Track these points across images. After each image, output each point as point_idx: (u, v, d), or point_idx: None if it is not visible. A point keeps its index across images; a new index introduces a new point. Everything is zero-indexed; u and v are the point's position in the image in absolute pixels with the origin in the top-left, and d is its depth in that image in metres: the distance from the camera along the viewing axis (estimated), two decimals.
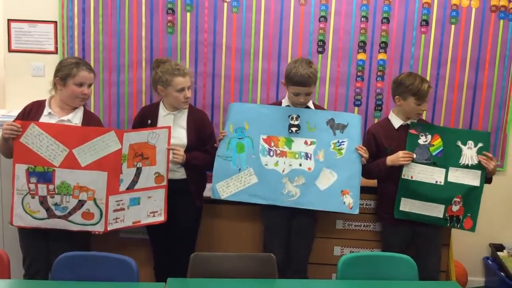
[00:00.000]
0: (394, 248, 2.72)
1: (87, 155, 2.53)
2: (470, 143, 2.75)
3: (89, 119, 2.69)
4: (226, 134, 2.76)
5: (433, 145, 2.75)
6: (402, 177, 2.73)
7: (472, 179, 2.74)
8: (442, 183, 2.74)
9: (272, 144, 2.75)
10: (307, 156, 2.74)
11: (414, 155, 2.72)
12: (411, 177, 2.73)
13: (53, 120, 2.61)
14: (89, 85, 2.64)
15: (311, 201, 2.71)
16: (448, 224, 2.77)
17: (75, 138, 2.52)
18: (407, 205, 2.75)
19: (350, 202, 2.70)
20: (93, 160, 2.53)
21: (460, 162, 2.74)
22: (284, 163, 2.74)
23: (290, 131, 2.75)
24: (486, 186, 2.80)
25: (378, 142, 2.82)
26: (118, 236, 2.99)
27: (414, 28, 3.30)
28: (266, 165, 2.73)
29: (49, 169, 2.51)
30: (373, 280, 2.19)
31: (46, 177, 2.51)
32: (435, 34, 3.30)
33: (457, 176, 2.74)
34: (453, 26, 3.30)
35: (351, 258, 2.25)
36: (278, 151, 2.75)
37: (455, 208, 2.75)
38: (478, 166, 2.74)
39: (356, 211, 2.71)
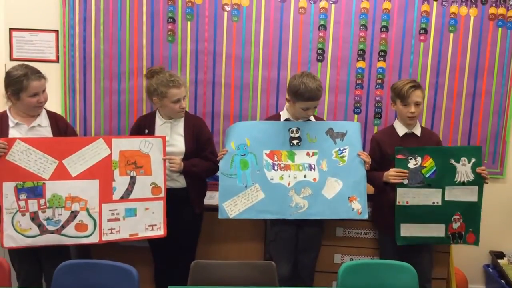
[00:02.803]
0: (390, 255, 2.72)
1: (77, 164, 2.52)
2: (464, 159, 2.69)
3: (56, 120, 2.67)
4: (228, 151, 2.71)
5: (425, 166, 2.69)
6: (397, 203, 2.70)
7: (470, 195, 2.70)
8: (440, 203, 2.70)
9: (276, 158, 2.73)
10: (310, 167, 2.74)
11: (407, 176, 2.68)
12: (407, 203, 2.70)
13: (23, 129, 2.57)
14: (43, 91, 2.59)
15: (320, 211, 2.69)
16: (451, 242, 2.74)
17: (64, 149, 2.52)
18: (408, 230, 2.72)
19: (358, 207, 2.69)
20: (84, 169, 2.53)
21: (455, 180, 2.69)
22: (289, 176, 2.71)
23: (291, 144, 2.75)
24: (485, 193, 2.80)
25: (382, 150, 2.82)
26: (118, 244, 2.98)
27: (413, 37, 3.32)
28: (272, 179, 2.70)
29: (39, 183, 2.49)
30: None
31: (36, 191, 2.49)
32: (434, 42, 3.32)
33: (455, 194, 2.70)
34: (451, 34, 3.32)
35: (352, 266, 2.26)
36: (282, 165, 2.73)
37: (455, 225, 2.72)
38: (475, 182, 2.69)
39: (366, 216, 2.69)
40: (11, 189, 2.46)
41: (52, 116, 2.68)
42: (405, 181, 2.69)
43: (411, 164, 2.70)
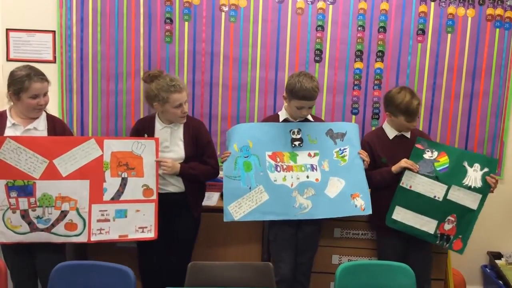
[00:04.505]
0: (388, 256, 2.72)
1: (68, 164, 2.51)
2: (477, 165, 2.70)
3: (54, 123, 2.65)
4: (231, 153, 2.71)
5: (439, 161, 2.70)
6: (401, 185, 2.72)
7: (471, 201, 2.70)
8: (440, 199, 2.70)
9: (278, 160, 2.73)
10: (312, 168, 2.75)
11: (418, 167, 2.69)
12: (410, 187, 2.72)
13: (18, 131, 2.56)
14: (45, 94, 2.57)
15: (323, 211, 2.69)
16: (437, 242, 2.75)
17: (55, 148, 2.50)
18: (400, 214, 2.74)
19: (361, 204, 2.69)
20: (75, 169, 2.52)
21: (463, 182, 2.69)
22: (292, 177, 2.72)
23: (293, 145, 2.75)
24: None
25: (373, 152, 2.82)
26: (115, 245, 2.98)
27: (410, 37, 3.32)
28: (275, 181, 2.70)
29: (29, 182, 2.48)
30: None
31: (26, 190, 2.48)
32: (431, 43, 3.32)
33: (458, 195, 2.70)
34: (449, 35, 3.32)
35: (349, 267, 2.26)
36: (285, 166, 2.73)
37: (447, 226, 2.73)
38: (480, 190, 2.69)
39: (370, 211, 2.69)
40: (2, 187, 2.46)
41: (50, 119, 2.66)
42: (417, 167, 2.69)
43: (427, 155, 2.71)
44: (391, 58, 3.35)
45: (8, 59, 3.35)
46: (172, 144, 2.73)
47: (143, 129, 2.78)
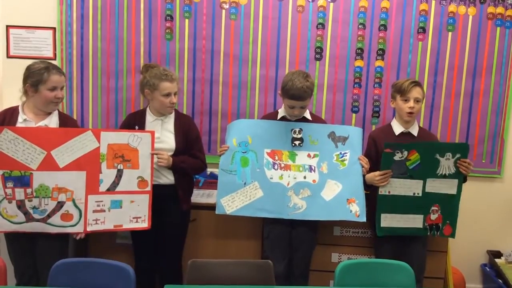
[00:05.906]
0: (385, 255, 2.72)
1: (65, 155, 2.52)
2: (448, 154, 2.71)
3: (65, 123, 2.66)
4: (229, 147, 2.73)
5: (410, 159, 2.69)
6: (380, 193, 2.73)
7: (449, 187, 2.73)
8: (420, 195, 2.72)
9: (276, 158, 2.74)
10: (311, 169, 2.74)
11: (391, 172, 2.69)
12: (389, 192, 2.73)
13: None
14: (62, 88, 2.60)
15: (317, 213, 2.69)
16: (429, 233, 2.78)
17: (53, 139, 2.51)
18: (387, 220, 2.75)
19: (356, 210, 2.69)
20: (71, 160, 2.52)
21: (437, 172, 2.71)
22: (289, 176, 2.72)
23: (293, 144, 2.75)
24: (483, 192, 2.80)
25: (378, 148, 2.83)
26: (115, 243, 2.98)
27: (411, 35, 3.31)
28: (271, 178, 2.71)
29: (26, 173, 2.48)
30: (371, 287, 2.19)
31: (23, 181, 2.48)
32: (432, 41, 3.32)
33: (435, 186, 2.72)
34: (450, 34, 3.32)
35: (349, 265, 2.25)
36: (283, 165, 2.73)
37: (433, 216, 2.76)
38: (455, 175, 2.72)
39: (364, 219, 2.70)
40: None
41: (62, 118, 2.67)
42: (391, 174, 2.70)
43: (397, 157, 2.70)
44: (391, 56, 3.34)
45: (8, 56, 3.34)
46: (162, 135, 2.76)
47: (134, 122, 2.80)
